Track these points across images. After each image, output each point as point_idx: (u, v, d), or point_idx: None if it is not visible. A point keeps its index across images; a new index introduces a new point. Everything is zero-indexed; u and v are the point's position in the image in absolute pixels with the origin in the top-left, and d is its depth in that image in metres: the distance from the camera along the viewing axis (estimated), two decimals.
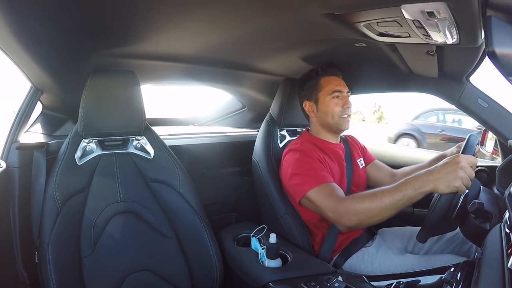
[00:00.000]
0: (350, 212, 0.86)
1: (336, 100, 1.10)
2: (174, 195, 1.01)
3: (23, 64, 0.86)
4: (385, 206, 0.81)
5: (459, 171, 0.73)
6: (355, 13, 0.71)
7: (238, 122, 1.88)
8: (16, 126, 0.95)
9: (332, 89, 1.10)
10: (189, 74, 1.33)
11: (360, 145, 1.31)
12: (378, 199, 0.83)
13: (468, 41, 0.72)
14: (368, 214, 0.84)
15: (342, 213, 0.87)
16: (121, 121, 0.97)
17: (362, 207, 0.84)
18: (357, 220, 0.85)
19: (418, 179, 0.78)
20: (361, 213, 0.85)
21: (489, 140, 1.17)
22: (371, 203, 0.83)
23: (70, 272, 0.87)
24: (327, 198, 0.92)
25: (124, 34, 0.88)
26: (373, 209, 0.83)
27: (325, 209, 0.92)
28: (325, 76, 1.13)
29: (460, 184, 0.73)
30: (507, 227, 0.61)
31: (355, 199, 0.88)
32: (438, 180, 0.75)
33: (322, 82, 1.13)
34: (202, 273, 1.00)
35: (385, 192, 0.83)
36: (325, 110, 1.11)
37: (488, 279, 0.50)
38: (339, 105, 1.10)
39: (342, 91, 1.11)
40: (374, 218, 0.84)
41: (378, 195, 0.84)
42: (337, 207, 0.89)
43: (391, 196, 0.81)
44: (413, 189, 0.78)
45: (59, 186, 0.88)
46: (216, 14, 0.75)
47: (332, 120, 1.11)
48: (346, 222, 0.87)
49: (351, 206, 0.86)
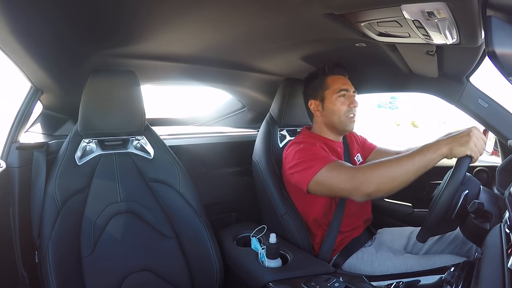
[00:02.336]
0: (368, 177, 0.85)
1: (343, 99, 1.10)
2: (174, 195, 1.01)
3: (23, 64, 0.86)
4: (404, 169, 0.82)
5: (473, 138, 0.77)
6: (355, 13, 0.71)
7: (238, 122, 1.88)
8: (16, 126, 0.94)
9: (338, 88, 1.10)
10: (189, 74, 1.33)
11: (359, 138, 1.31)
12: (397, 163, 0.83)
13: (468, 41, 0.72)
14: (388, 177, 0.83)
15: (360, 180, 0.86)
16: (121, 121, 0.97)
17: (381, 171, 0.84)
18: (376, 185, 0.84)
19: (434, 143, 0.81)
20: (380, 177, 0.84)
21: (489, 140, 1.17)
22: (389, 167, 0.83)
23: (70, 272, 0.87)
24: (340, 172, 0.91)
25: (124, 34, 0.88)
26: (392, 172, 0.83)
27: (339, 183, 0.90)
28: (331, 75, 1.13)
29: (474, 147, 0.76)
30: (507, 227, 0.61)
31: (372, 165, 0.87)
32: (454, 142, 0.79)
33: (329, 81, 1.12)
34: (202, 273, 1.00)
35: (403, 156, 0.83)
36: (331, 109, 1.11)
37: (488, 279, 0.50)
38: (346, 104, 1.09)
39: (349, 90, 1.10)
40: (393, 182, 0.83)
41: (396, 159, 0.84)
42: (353, 176, 0.88)
43: (410, 159, 0.82)
44: (431, 151, 0.80)
45: (59, 186, 0.88)
46: (216, 14, 0.75)
47: (338, 119, 1.10)
48: (365, 189, 0.85)
49: (369, 171, 0.86)
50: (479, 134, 0.79)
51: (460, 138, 0.78)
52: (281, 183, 1.16)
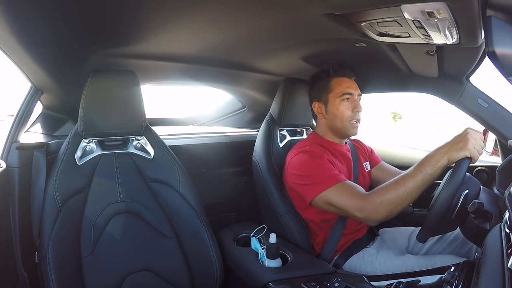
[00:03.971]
0: (378, 206, 0.86)
1: (346, 103, 1.07)
2: (174, 195, 1.01)
3: (23, 64, 0.86)
4: (410, 190, 0.83)
5: (471, 140, 0.77)
6: (355, 13, 0.71)
7: (238, 122, 1.88)
8: (16, 126, 0.94)
9: (342, 91, 1.07)
10: (189, 74, 1.33)
11: (366, 148, 1.29)
12: (402, 185, 0.83)
13: (468, 41, 0.72)
14: (396, 202, 0.84)
15: (370, 210, 0.87)
16: (121, 121, 0.97)
17: (389, 198, 0.85)
18: (386, 211, 0.85)
19: (433, 155, 0.82)
20: (389, 204, 0.84)
21: (489, 140, 1.17)
22: (396, 191, 0.84)
23: (70, 272, 0.87)
24: (350, 198, 0.91)
25: (124, 34, 0.88)
26: (400, 196, 0.83)
27: (350, 209, 0.90)
28: (336, 77, 1.10)
29: (472, 148, 0.76)
30: (507, 227, 0.61)
31: (379, 192, 0.88)
32: (451, 149, 0.79)
33: (333, 83, 1.10)
34: (202, 273, 1.00)
35: (406, 177, 0.84)
36: (334, 113, 1.09)
37: (488, 279, 0.50)
38: (349, 108, 1.07)
39: (353, 94, 1.08)
40: (402, 204, 0.84)
41: (400, 182, 0.85)
42: (363, 205, 0.88)
43: (413, 179, 0.82)
44: (431, 165, 0.81)
45: (59, 186, 0.88)
46: (216, 14, 0.75)
47: (341, 124, 1.08)
48: (376, 217, 0.87)
49: (378, 200, 0.86)
50: (476, 134, 0.79)
51: (457, 143, 0.79)
52: (281, 183, 1.15)
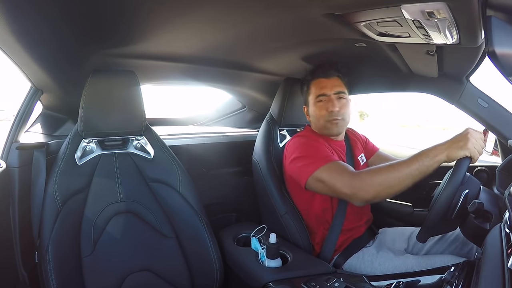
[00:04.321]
0: (367, 184, 0.86)
1: (321, 103, 1.10)
2: (174, 195, 1.01)
3: (23, 64, 0.86)
4: (402, 176, 0.82)
5: (471, 139, 0.77)
6: (355, 13, 0.71)
7: (238, 122, 1.88)
8: (16, 126, 0.95)
9: (317, 93, 1.10)
10: (189, 74, 1.33)
11: (361, 137, 1.30)
12: (395, 169, 0.83)
13: (468, 41, 0.72)
14: (386, 184, 0.84)
15: (358, 186, 0.87)
16: (121, 121, 0.97)
17: (380, 178, 0.85)
18: (374, 191, 0.85)
19: (432, 149, 0.82)
20: (379, 184, 0.84)
21: (489, 140, 1.17)
22: (388, 173, 0.84)
23: (70, 272, 0.87)
24: (340, 175, 0.91)
25: (124, 35, 0.88)
26: (391, 179, 0.83)
27: (339, 186, 0.90)
28: (314, 79, 1.14)
29: (473, 148, 0.76)
30: (507, 227, 0.61)
31: (371, 171, 0.88)
32: (451, 147, 0.79)
33: (311, 86, 1.14)
34: (202, 273, 1.00)
35: (402, 163, 0.84)
36: (313, 115, 1.13)
37: (488, 279, 0.50)
38: (324, 108, 1.09)
39: (327, 94, 1.08)
40: (391, 188, 0.84)
41: (394, 166, 0.84)
42: (352, 181, 0.88)
43: (408, 166, 0.82)
44: (429, 158, 0.81)
45: (59, 186, 0.88)
46: (216, 14, 0.75)
47: (322, 125, 1.11)
48: (364, 195, 0.86)
49: (368, 178, 0.86)
50: (476, 134, 0.80)
51: (458, 142, 0.79)
52: (281, 183, 1.16)
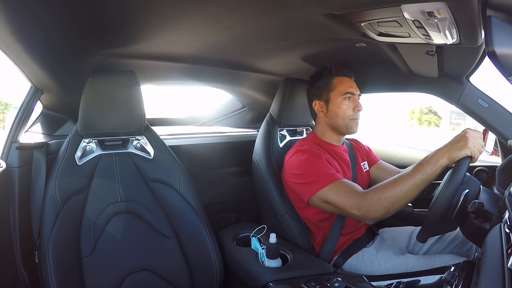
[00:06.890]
0: (375, 204, 0.86)
1: (348, 102, 1.09)
2: (174, 195, 1.01)
3: (23, 64, 0.86)
4: (408, 189, 0.83)
5: (470, 139, 0.78)
6: (355, 13, 0.71)
7: (238, 122, 1.88)
8: (16, 126, 0.95)
9: (344, 90, 1.09)
10: (189, 74, 1.33)
11: (364, 148, 1.29)
12: (400, 184, 0.84)
13: (468, 41, 0.72)
14: (393, 200, 0.84)
15: (368, 207, 0.87)
16: (121, 121, 0.97)
17: (387, 196, 0.85)
18: (383, 209, 0.85)
19: (433, 155, 0.82)
20: (387, 202, 0.85)
21: (489, 140, 1.17)
22: (394, 189, 0.84)
23: (70, 272, 0.87)
24: (347, 195, 0.91)
25: (124, 35, 0.88)
26: (397, 194, 0.84)
27: (348, 208, 0.90)
28: (338, 76, 1.12)
29: (473, 147, 0.77)
30: (507, 227, 0.61)
31: (377, 190, 0.88)
32: (451, 149, 0.79)
33: (335, 82, 1.11)
34: (202, 273, 1.00)
35: (405, 176, 0.84)
36: (335, 111, 1.10)
37: (488, 279, 0.50)
38: (351, 107, 1.09)
39: (354, 93, 1.10)
40: (399, 203, 0.84)
41: (398, 180, 0.85)
42: (361, 202, 0.88)
43: (412, 178, 0.83)
44: (431, 165, 0.81)
45: (59, 186, 0.88)
46: (216, 14, 0.75)
47: (343, 122, 1.10)
48: (374, 215, 0.87)
49: (375, 198, 0.86)
50: (475, 134, 0.80)
51: (457, 143, 0.79)
52: (281, 183, 1.15)
